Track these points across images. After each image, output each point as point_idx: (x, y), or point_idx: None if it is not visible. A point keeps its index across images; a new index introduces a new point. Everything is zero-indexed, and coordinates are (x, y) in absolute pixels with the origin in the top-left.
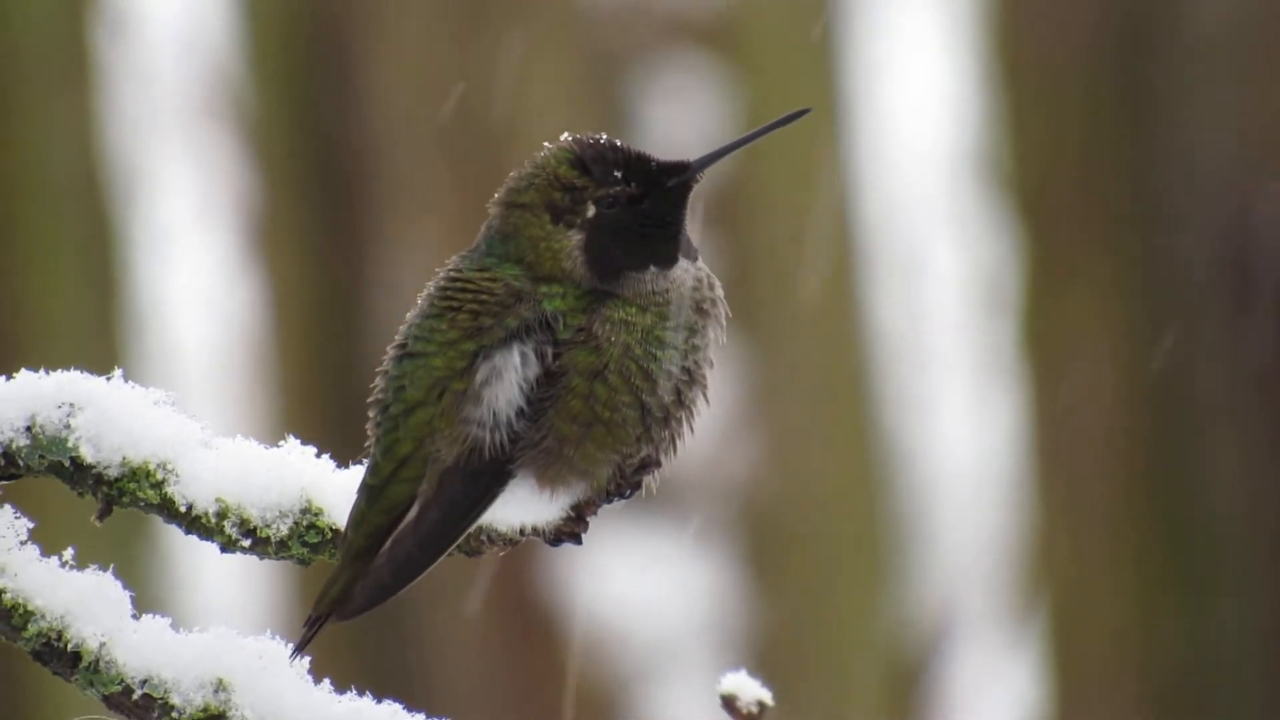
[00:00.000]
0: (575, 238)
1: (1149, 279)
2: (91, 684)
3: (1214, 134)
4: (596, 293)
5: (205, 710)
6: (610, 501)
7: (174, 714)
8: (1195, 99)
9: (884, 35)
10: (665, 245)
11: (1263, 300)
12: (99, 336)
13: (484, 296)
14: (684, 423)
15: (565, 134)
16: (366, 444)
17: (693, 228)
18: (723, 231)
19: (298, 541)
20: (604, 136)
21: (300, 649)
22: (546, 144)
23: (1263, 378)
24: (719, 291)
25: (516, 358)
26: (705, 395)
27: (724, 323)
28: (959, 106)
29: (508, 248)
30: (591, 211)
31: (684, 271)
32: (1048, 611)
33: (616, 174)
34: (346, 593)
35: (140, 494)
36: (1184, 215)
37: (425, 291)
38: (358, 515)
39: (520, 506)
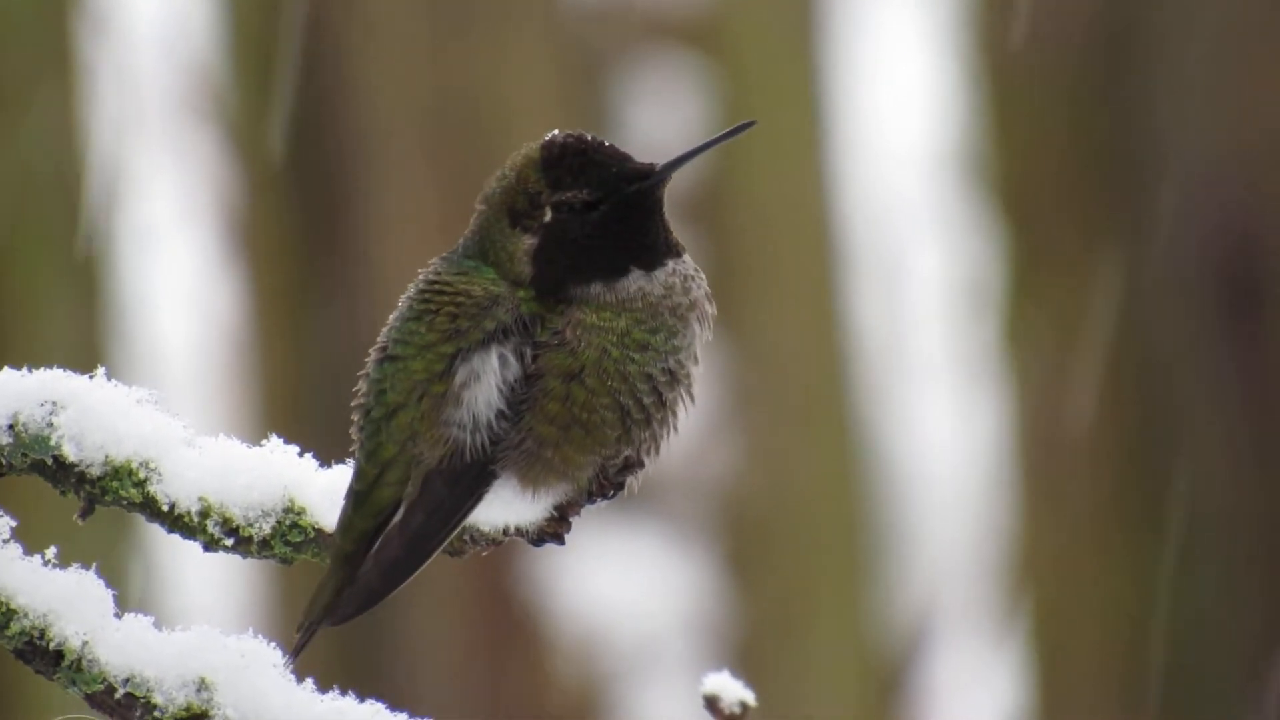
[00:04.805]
0: (528, 242)
1: (1132, 279)
2: (74, 683)
3: (1199, 133)
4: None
5: (188, 709)
6: (593, 502)
7: (156, 713)
8: (1179, 98)
9: (866, 34)
10: (615, 256)
11: (1247, 299)
12: (81, 335)
13: (461, 299)
14: (668, 422)
15: (554, 131)
16: (351, 448)
17: (674, 227)
18: (704, 231)
19: (280, 541)
20: (588, 136)
21: (294, 656)
22: (527, 144)
23: (1245, 376)
24: (700, 287)
25: (495, 360)
26: (690, 394)
27: (708, 318)
28: (941, 105)
29: (479, 250)
30: (548, 217)
31: (645, 280)
32: (1030, 611)
33: (570, 179)
34: (336, 598)
35: (123, 493)
36: (1168, 214)
37: (406, 294)
38: (345, 521)
39: (503, 507)
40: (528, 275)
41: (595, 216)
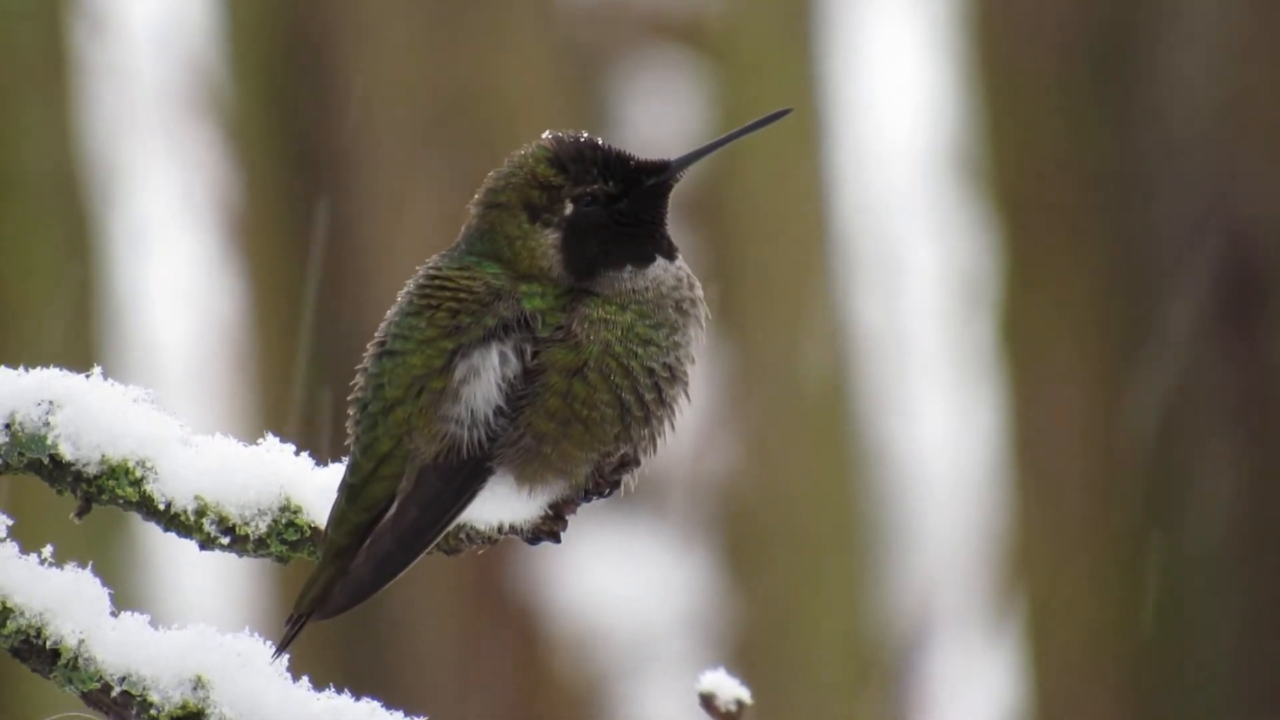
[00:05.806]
0: (552, 236)
1: (1127, 276)
2: (70, 681)
3: (1192, 131)
4: (576, 291)
5: (184, 708)
6: (589, 500)
7: (152, 711)
8: (1173, 97)
9: (863, 33)
10: (643, 244)
11: (1245, 296)
12: (78, 333)
13: (462, 295)
14: (665, 420)
15: (546, 132)
16: (346, 442)
17: (672, 226)
18: (703, 229)
19: (276, 539)
20: (584, 135)
21: (282, 648)
22: (526, 142)
23: (1243, 374)
24: (699, 291)
25: (495, 356)
26: (687, 393)
27: (704, 323)
28: (937, 104)
29: (486, 246)
30: (569, 210)
31: (663, 270)
32: (1025, 608)
33: (594, 172)
34: (327, 591)
35: (119, 491)
36: (1161, 212)
37: (405, 289)
38: (338, 514)
39: (499, 504)
40: (552, 268)
41: (621, 207)
